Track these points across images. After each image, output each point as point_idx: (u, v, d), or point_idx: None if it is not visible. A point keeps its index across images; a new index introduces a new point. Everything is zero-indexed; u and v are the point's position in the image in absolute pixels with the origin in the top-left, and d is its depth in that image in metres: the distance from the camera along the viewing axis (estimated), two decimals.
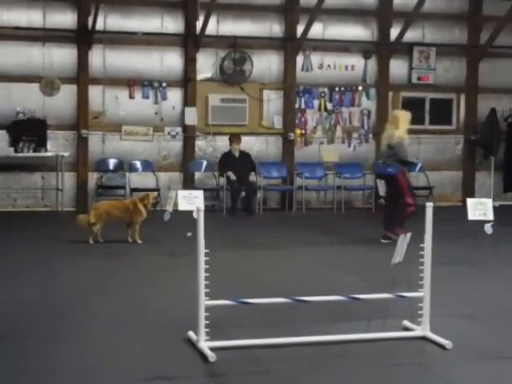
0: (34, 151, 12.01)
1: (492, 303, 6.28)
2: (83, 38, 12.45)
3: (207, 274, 4.77)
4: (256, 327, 5.30)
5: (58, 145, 12.49)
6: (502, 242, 9.09)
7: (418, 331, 5.16)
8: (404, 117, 9.48)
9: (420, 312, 5.13)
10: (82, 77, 12.51)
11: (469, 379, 4.52)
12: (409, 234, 5.08)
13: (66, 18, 12.48)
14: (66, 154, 12.25)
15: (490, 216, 8.23)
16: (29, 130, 12.07)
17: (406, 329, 5.28)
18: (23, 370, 4.48)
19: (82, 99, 12.54)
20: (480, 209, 8.11)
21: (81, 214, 9.51)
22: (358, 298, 5.20)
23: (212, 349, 4.68)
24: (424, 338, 5.09)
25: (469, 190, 13.97)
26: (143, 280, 7.07)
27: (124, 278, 7.17)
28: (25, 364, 4.56)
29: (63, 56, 12.49)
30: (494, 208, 8.27)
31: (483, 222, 8.07)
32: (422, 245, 5.07)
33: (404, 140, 9.31)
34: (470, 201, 8.34)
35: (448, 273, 7.17)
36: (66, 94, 12.51)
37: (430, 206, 5.12)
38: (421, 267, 5.10)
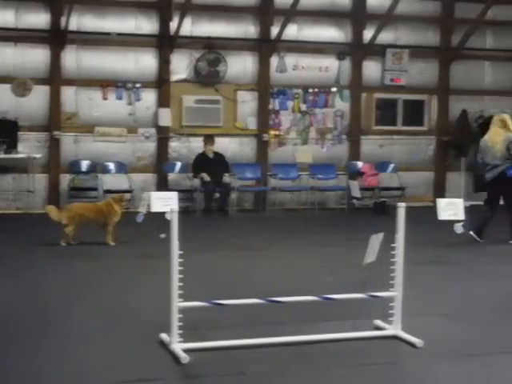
0: (5, 153, 11.88)
1: (465, 302, 6.36)
2: (56, 38, 12.35)
3: (181, 276, 4.77)
4: (232, 328, 5.31)
5: (29, 146, 12.37)
6: (474, 242, 9.23)
7: (389, 330, 5.21)
8: (511, 119, 9.71)
9: (391, 311, 5.19)
10: (54, 78, 12.41)
11: (440, 377, 4.57)
12: (381, 234, 5.13)
13: (38, 18, 12.36)
14: (38, 156, 12.14)
15: (461, 216, 8.34)
16: (0, 131, 11.93)
17: (378, 328, 5.33)
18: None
19: (55, 100, 12.45)
20: (451, 209, 8.22)
21: (49, 205, 9.59)
22: (331, 299, 5.24)
23: (187, 350, 4.68)
24: (396, 337, 5.14)
25: (440, 191, 14.13)
26: (119, 282, 7.03)
27: (99, 280, 7.13)
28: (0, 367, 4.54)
29: (36, 56, 12.37)
30: (466, 208, 8.39)
31: (455, 222, 8.18)
32: (393, 244, 5.13)
33: None
34: (440, 201, 8.43)
35: (421, 272, 7.24)
36: (39, 95, 12.39)
37: (401, 206, 5.19)
38: (392, 267, 5.16)
